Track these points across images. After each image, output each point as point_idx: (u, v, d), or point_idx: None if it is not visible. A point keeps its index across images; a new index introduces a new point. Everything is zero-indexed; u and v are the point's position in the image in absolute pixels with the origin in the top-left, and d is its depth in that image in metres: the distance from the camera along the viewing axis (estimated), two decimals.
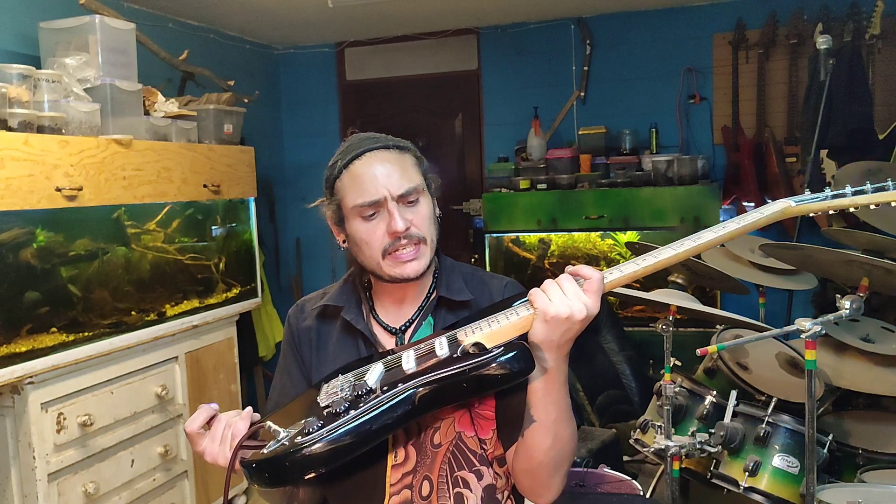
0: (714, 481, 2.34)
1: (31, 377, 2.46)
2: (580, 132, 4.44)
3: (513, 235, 4.46)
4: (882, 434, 2.48)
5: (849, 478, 2.34)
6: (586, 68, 4.54)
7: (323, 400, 1.22)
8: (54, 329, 2.59)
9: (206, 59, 4.09)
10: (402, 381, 1.16)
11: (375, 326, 1.40)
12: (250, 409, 1.29)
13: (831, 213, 1.23)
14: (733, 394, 2.35)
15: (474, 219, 4.69)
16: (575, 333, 1.18)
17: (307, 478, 1.12)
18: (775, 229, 4.07)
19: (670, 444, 2.30)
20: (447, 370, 1.15)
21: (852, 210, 1.23)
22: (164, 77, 3.63)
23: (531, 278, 4.41)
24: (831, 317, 1.96)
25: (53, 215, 2.59)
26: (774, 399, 2.34)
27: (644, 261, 1.21)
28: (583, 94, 4.56)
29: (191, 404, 3.15)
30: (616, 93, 4.51)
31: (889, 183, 1.20)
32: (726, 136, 4.27)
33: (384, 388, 1.17)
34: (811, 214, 1.25)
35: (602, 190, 4.13)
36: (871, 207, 1.22)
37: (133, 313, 2.95)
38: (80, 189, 2.60)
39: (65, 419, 2.58)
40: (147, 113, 3.09)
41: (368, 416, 1.12)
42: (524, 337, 1.20)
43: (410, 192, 1.32)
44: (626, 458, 3.27)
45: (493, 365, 1.13)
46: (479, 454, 1.30)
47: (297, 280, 5.15)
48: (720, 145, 4.34)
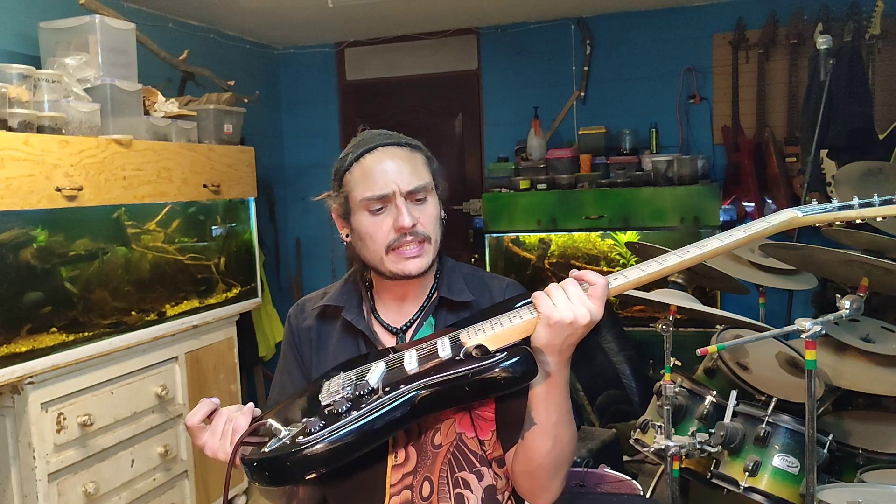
0: (714, 481, 2.33)
1: (31, 377, 2.46)
2: (580, 132, 4.44)
3: (513, 235, 4.46)
4: (882, 434, 2.48)
5: (849, 478, 2.34)
6: (586, 68, 4.54)
7: (324, 398, 1.22)
8: (54, 329, 2.59)
9: (206, 59, 4.08)
10: (405, 382, 1.16)
11: (376, 326, 1.40)
12: (251, 404, 1.29)
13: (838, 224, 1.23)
14: (733, 394, 2.35)
15: (474, 219, 4.69)
16: (578, 338, 1.18)
17: (308, 478, 1.12)
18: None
19: (670, 444, 2.29)
20: (450, 373, 1.15)
21: (859, 222, 1.23)
22: (164, 77, 3.63)
23: (531, 278, 4.41)
24: (831, 317, 1.96)
25: (53, 215, 2.59)
26: (774, 399, 2.34)
27: (649, 267, 1.21)
28: (583, 94, 4.56)
29: (191, 404, 3.14)
30: (616, 93, 4.51)
31: None
32: (726, 136, 4.27)
33: (386, 388, 1.17)
34: (817, 225, 1.25)
35: (602, 190, 4.13)
36: (879, 220, 1.22)
37: (133, 313, 2.95)
38: (80, 189, 2.60)
39: (65, 419, 2.58)
40: (147, 113, 3.09)
41: (370, 418, 1.12)
42: (527, 340, 1.20)
43: (419, 190, 1.32)
44: (626, 458, 3.27)
45: (496, 369, 1.13)
46: (479, 455, 1.30)
47: (297, 280, 5.15)
48: (720, 145, 4.34)
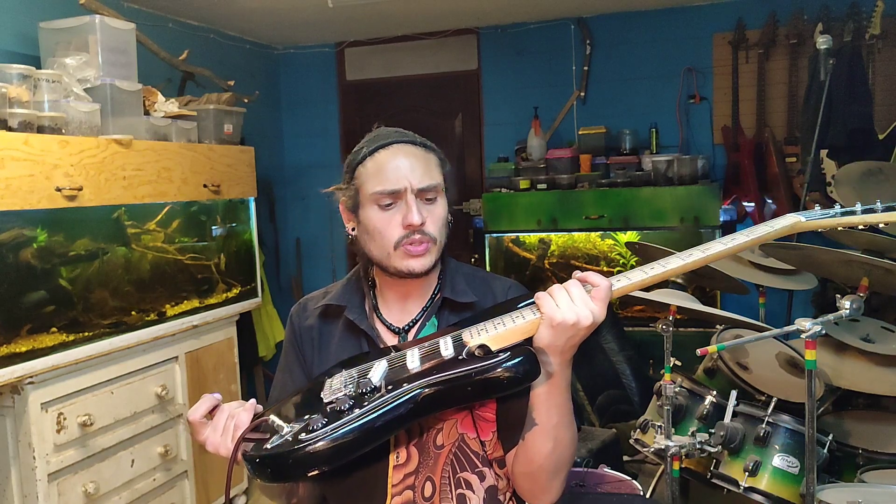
0: (714, 481, 2.33)
1: (31, 377, 2.46)
2: (580, 132, 4.44)
3: (513, 235, 4.46)
4: (882, 434, 2.48)
5: (849, 478, 2.34)
6: (586, 68, 4.54)
7: (326, 396, 1.22)
8: (54, 329, 2.59)
9: (206, 59, 4.08)
10: (407, 381, 1.16)
11: (379, 326, 1.40)
12: (254, 400, 1.29)
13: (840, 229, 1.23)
14: (733, 394, 2.35)
15: (474, 219, 4.68)
16: (580, 339, 1.19)
17: (310, 475, 1.12)
18: None
19: (670, 444, 2.29)
20: (453, 372, 1.15)
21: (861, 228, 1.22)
22: (164, 77, 3.63)
23: (531, 278, 4.41)
24: (831, 317, 1.96)
25: (53, 215, 2.59)
26: (774, 399, 2.34)
27: (652, 269, 1.21)
28: (583, 94, 4.56)
29: (191, 404, 3.12)
30: (616, 93, 4.51)
31: None
32: (726, 136, 4.27)
33: (388, 386, 1.17)
34: (820, 230, 1.25)
35: (602, 190, 4.13)
36: (881, 226, 1.22)
37: (133, 313, 2.95)
38: (80, 189, 2.60)
39: (65, 419, 2.58)
40: (147, 113, 3.09)
41: (373, 416, 1.12)
42: (529, 341, 1.20)
43: (430, 189, 1.33)
44: (626, 458, 3.27)
45: (499, 369, 1.13)
46: (481, 455, 1.30)
47: (297, 280, 5.15)
48: (720, 145, 4.33)
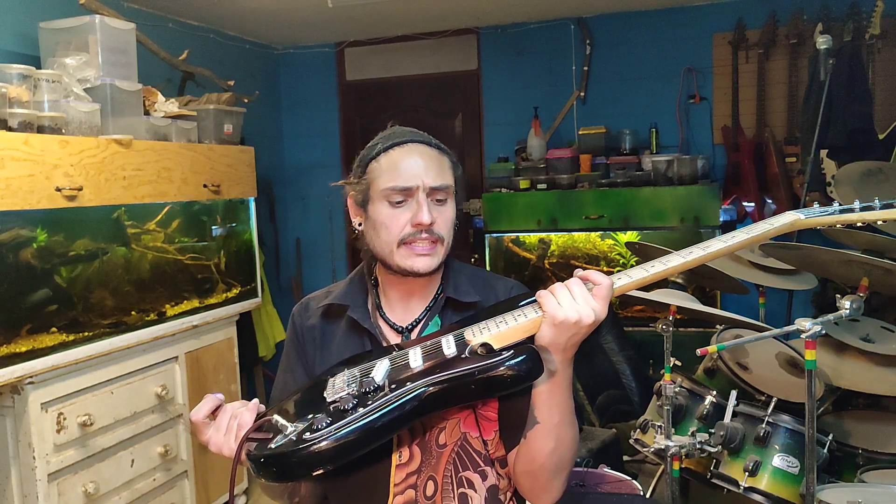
0: (714, 481, 2.33)
1: (31, 377, 2.45)
2: (580, 132, 4.44)
3: (513, 235, 4.46)
4: (882, 434, 2.48)
5: (849, 478, 2.34)
6: (586, 68, 4.54)
7: (329, 395, 1.22)
8: (54, 329, 2.59)
9: (206, 59, 4.08)
10: (410, 380, 1.17)
11: (382, 325, 1.40)
12: (256, 400, 1.29)
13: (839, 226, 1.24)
14: (733, 394, 2.35)
15: (474, 219, 4.68)
16: (581, 337, 1.19)
17: (314, 474, 1.12)
18: None
19: (670, 444, 2.29)
20: (456, 371, 1.15)
21: (860, 225, 1.23)
22: (164, 77, 3.63)
23: (531, 278, 4.41)
24: (831, 317, 1.96)
25: (53, 215, 2.59)
26: (774, 399, 2.34)
27: (653, 267, 1.22)
28: (583, 94, 4.56)
29: (191, 404, 3.14)
30: (616, 93, 4.51)
31: None
32: (726, 136, 4.27)
33: (392, 385, 1.17)
34: (819, 228, 1.26)
35: (602, 190, 4.13)
36: (879, 223, 1.22)
37: (133, 313, 2.95)
38: (80, 189, 2.60)
39: (65, 419, 2.58)
40: (147, 113, 3.09)
41: (376, 415, 1.12)
42: (531, 339, 1.21)
43: (442, 189, 1.33)
44: (626, 458, 3.27)
45: (502, 367, 1.14)
46: (483, 455, 1.30)
47: (297, 280, 5.15)
48: (720, 145, 4.33)
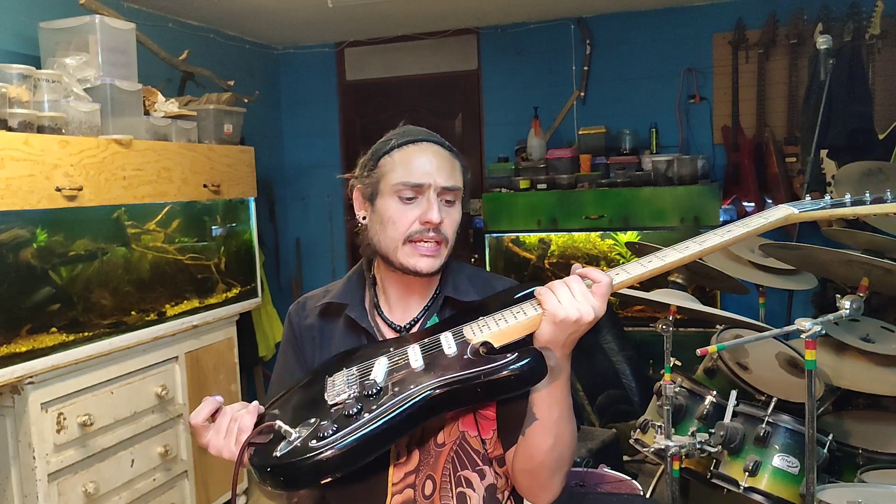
0: (714, 481, 2.33)
1: (31, 377, 2.45)
2: (580, 132, 4.44)
3: (513, 235, 4.46)
4: (882, 434, 2.48)
5: (849, 478, 2.34)
6: (586, 68, 4.54)
7: (330, 397, 1.21)
8: (54, 329, 2.59)
9: (206, 59, 4.08)
10: (413, 382, 1.16)
11: (380, 324, 1.40)
12: (256, 402, 1.28)
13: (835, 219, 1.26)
14: (733, 394, 2.35)
15: (474, 219, 4.68)
16: (580, 334, 1.20)
17: (323, 482, 1.11)
18: (775, 229, 4.06)
19: (670, 444, 2.29)
20: (462, 374, 1.15)
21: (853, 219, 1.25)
22: (164, 77, 3.63)
23: (531, 278, 4.41)
24: (831, 317, 1.95)
25: (53, 215, 2.59)
26: (774, 399, 2.34)
27: (650, 263, 1.22)
28: (583, 94, 4.56)
29: (191, 404, 3.14)
30: (616, 93, 4.51)
31: (888, 193, 1.22)
32: (726, 136, 4.27)
33: (394, 387, 1.16)
34: (819, 225, 1.28)
35: (602, 190, 4.13)
36: (874, 216, 1.24)
37: (133, 313, 2.95)
38: (80, 189, 2.60)
39: (65, 419, 2.58)
40: (147, 113, 3.09)
41: (383, 420, 1.11)
42: (530, 336, 1.21)
43: (452, 191, 1.34)
44: (626, 458, 3.27)
45: (508, 370, 1.14)
46: (481, 454, 1.30)
47: (297, 280, 5.15)
48: (720, 145, 4.34)
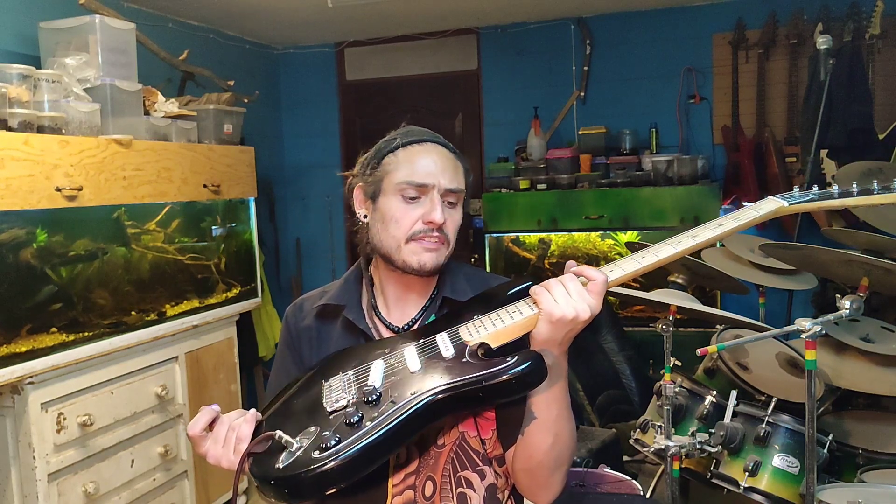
0: (714, 481, 2.33)
1: (31, 377, 2.45)
2: (580, 132, 4.44)
3: (513, 235, 4.46)
4: (882, 434, 2.48)
5: (849, 478, 2.34)
6: (586, 68, 4.54)
7: (329, 403, 1.21)
8: (54, 329, 2.59)
9: (206, 59, 4.08)
10: (413, 387, 1.16)
11: (378, 325, 1.39)
12: (254, 410, 1.28)
13: (831, 210, 1.26)
14: (733, 394, 2.35)
15: (474, 219, 4.68)
16: (577, 332, 1.20)
17: (328, 493, 1.11)
18: (775, 229, 4.07)
19: (670, 444, 2.29)
20: (462, 378, 1.15)
21: (853, 208, 1.25)
22: (164, 77, 3.63)
23: (531, 278, 4.40)
24: (831, 317, 1.95)
25: (53, 215, 2.59)
26: (774, 399, 2.34)
27: (644, 258, 1.22)
28: (583, 94, 4.56)
29: (191, 404, 3.15)
30: (616, 93, 4.51)
31: (875, 185, 1.22)
32: (726, 136, 4.27)
33: (394, 392, 1.16)
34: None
35: (602, 190, 4.13)
36: (871, 207, 1.23)
37: (133, 313, 2.95)
38: (80, 189, 2.60)
39: (65, 419, 2.58)
40: (147, 113, 3.09)
41: (385, 428, 1.11)
42: (526, 335, 1.21)
43: (455, 192, 1.34)
44: (626, 458, 3.26)
45: (509, 374, 1.14)
46: (481, 454, 1.30)
47: (297, 280, 5.15)
48: (720, 145, 4.34)
